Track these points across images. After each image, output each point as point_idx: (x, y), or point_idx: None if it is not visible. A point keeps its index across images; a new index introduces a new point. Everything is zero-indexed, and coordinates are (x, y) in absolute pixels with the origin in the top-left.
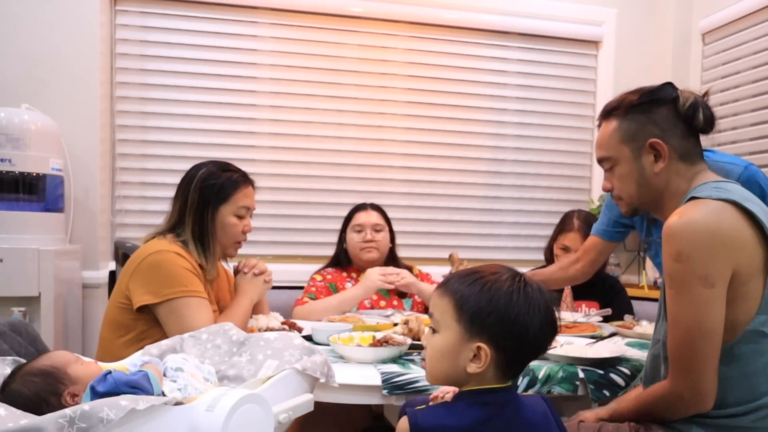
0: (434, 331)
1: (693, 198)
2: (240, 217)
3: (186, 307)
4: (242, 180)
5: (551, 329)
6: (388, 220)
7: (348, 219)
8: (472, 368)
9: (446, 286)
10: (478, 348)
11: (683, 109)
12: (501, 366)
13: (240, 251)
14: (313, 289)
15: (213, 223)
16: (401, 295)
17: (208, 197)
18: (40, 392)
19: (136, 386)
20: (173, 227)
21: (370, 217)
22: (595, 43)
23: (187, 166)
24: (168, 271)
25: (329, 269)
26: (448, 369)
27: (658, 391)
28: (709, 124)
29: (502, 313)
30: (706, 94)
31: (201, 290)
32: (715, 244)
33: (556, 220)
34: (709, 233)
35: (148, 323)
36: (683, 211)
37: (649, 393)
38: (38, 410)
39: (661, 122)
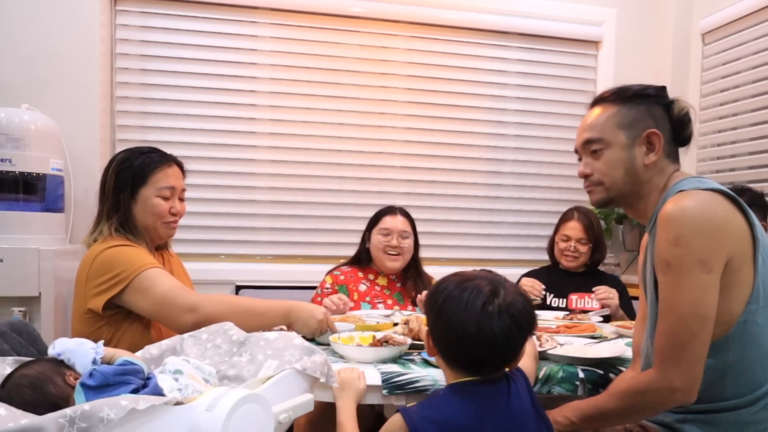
0: None
1: (681, 191)
2: (165, 198)
3: (147, 280)
4: (161, 160)
5: (484, 337)
6: (414, 226)
7: (375, 221)
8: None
9: None
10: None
11: (679, 114)
12: (448, 357)
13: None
14: (319, 299)
15: (132, 206)
16: (414, 302)
17: (124, 180)
18: (45, 371)
19: (125, 373)
20: (99, 224)
21: (398, 223)
22: (595, 43)
23: (186, 166)
24: (119, 260)
25: (345, 268)
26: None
27: (641, 383)
28: (689, 139)
29: (439, 306)
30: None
31: (153, 261)
32: (712, 229)
33: (556, 220)
34: (705, 218)
35: (111, 328)
36: (676, 199)
37: (631, 386)
38: (43, 389)
39: (658, 118)
